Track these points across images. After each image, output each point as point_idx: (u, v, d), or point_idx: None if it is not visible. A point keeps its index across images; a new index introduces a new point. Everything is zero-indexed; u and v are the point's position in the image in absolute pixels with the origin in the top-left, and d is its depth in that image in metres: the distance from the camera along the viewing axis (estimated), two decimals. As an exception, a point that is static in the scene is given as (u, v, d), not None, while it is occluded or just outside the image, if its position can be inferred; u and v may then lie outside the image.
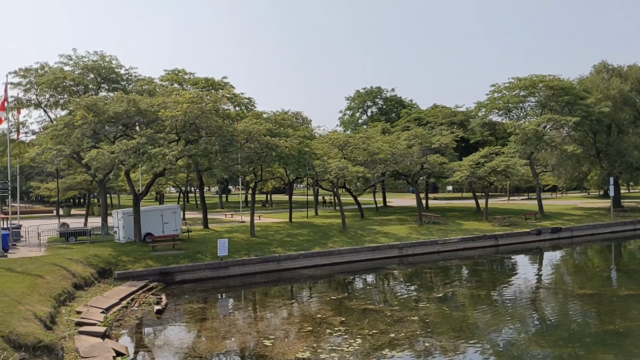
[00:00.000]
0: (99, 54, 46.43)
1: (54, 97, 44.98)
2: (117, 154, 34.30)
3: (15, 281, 23.80)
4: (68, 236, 38.89)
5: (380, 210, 62.77)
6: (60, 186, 55.01)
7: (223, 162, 40.50)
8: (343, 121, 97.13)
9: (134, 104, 36.57)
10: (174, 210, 41.35)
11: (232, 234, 42.00)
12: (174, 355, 19.91)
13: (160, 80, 51.65)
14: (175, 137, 37.27)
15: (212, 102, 38.17)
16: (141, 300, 27.54)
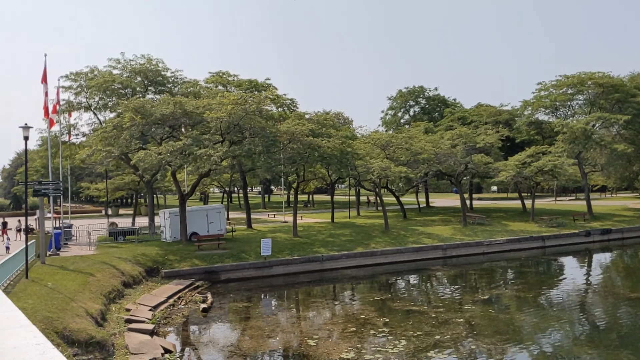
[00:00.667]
0: (145, 58, 47.51)
1: (103, 100, 46.24)
2: (164, 155, 35.05)
3: (68, 279, 24.58)
4: (117, 235, 39.97)
5: (423, 211, 62.20)
6: (109, 187, 56.59)
7: (266, 163, 40.88)
8: (385, 121, 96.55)
9: (180, 106, 37.29)
10: (218, 210, 41.97)
11: (275, 234, 42.34)
12: (219, 353, 20.22)
13: (205, 83, 52.53)
14: (219, 138, 37.82)
15: (256, 104, 38.59)
16: (188, 298, 28.07)
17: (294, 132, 39.11)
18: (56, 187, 29.56)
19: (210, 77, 53.31)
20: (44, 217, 29.56)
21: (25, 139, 23.85)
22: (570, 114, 62.66)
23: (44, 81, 31.94)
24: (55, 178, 40.07)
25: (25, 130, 23.73)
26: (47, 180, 31.84)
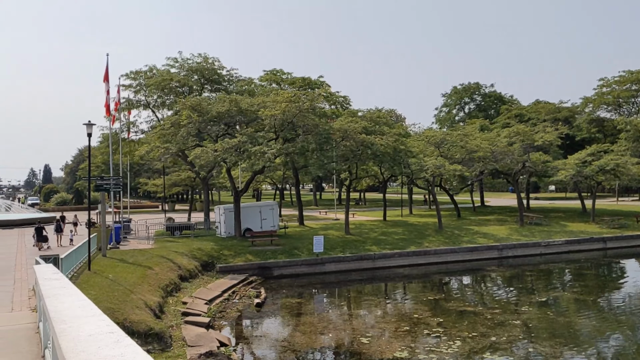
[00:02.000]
0: (202, 56, 48.50)
1: (161, 98, 47.49)
2: (220, 152, 35.69)
3: (128, 271, 25.38)
4: (174, 230, 41.00)
5: (478, 210, 61.01)
6: (166, 182, 58.09)
7: (319, 160, 41.01)
8: (439, 118, 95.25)
9: (236, 104, 37.89)
10: (272, 207, 42.42)
11: (327, 231, 42.44)
12: (272, 347, 20.47)
13: (260, 81, 53.20)
14: (273, 136, 38.21)
15: (309, 101, 38.76)
16: (242, 293, 28.52)
17: (346, 129, 39.09)
18: (116, 182, 30.54)
19: (265, 75, 53.93)
20: (105, 212, 30.58)
21: (89, 135, 24.74)
22: (635, 111, 60.19)
23: (106, 80, 32.97)
24: (116, 174, 41.41)
25: (89, 127, 24.60)
26: (108, 176, 32.96)
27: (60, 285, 8.09)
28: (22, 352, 8.96)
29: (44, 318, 8.35)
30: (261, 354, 19.99)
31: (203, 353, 16.70)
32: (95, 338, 3.83)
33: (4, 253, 30.24)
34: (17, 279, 21.59)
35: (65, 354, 3.41)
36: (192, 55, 48.57)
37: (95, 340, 3.74)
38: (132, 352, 3.29)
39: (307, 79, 53.55)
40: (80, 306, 5.59)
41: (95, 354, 3.31)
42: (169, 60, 48.21)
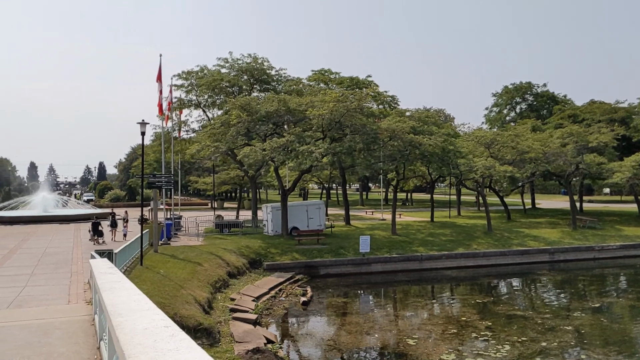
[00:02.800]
0: (252, 57, 49.05)
1: (212, 98, 48.28)
2: (268, 151, 36.07)
3: (178, 267, 25.97)
4: (222, 227, 41.68)
5: (529, 212, 59.61)
6: (215, 181, 59.14)
7: (366, 160, 40.92)
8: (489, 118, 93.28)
9: (284, 103, 38.20)
10: (318, 206, 42.58)
11: (374, 231, 42.30)
12: (317, 346, 20.55)
13: (308, 81, 53.42)
14: (321, 135, 38.34)
15: (357, 101, 38.71)
16: (288, 291, 28.76)
17: (394, 129, 38.86)
18: (168, 180, 31.26)
19: (313, 75, 54.15)
20: (157, 208, 31.37)
21: (142, 134, 25.41)
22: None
23: (159, 80, 33.77)
24: (167, 172, 42.38)
25: (142, 126, 25.26)
26: (160, 174, 33.76)
27: (115, 280, 8.37)
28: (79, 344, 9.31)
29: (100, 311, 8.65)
30: (307, 352, 20.10)
31: (250, 349, 16.94)
32: (150, 331, 3.96)
33: (61, 247, 31.43)
34: (73, 272, 22.39)
35: (122, 347, 3.54)
36: (242, 56, 49.22)
37: (151, 334, 3.86)
38: (186, 347, 3.39)
39: (355, 79, 53.49)
40: (135, 300, 5.77)
41: (152, 347, 3.42)
42: (219, 60, 48.97)
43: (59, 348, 8.99)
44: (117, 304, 5.49)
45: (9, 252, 29.39)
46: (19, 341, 9.62)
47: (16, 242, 34.17)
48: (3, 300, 16.14)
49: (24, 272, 22.33)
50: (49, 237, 37.23)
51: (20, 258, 26.89)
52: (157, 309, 5.00)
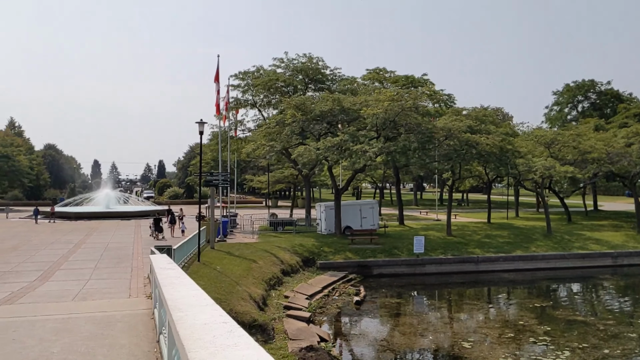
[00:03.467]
0: (307, 56, 49.38)
1: (267, 98, 48.91)
2: (322, 150, 36.20)
3: (234, 264, 26.41)
4: (277, 225, 42.14)
5: (590, 215, 57.48)
6: (270, 179, 59.82)
7: (420, 159, 40.45)
8: (549, 117, 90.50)
9: (338, 102, 38.26)
10: (372, 206, 42.41)
11: (428, 231, 41.80)
12: (370, 346, 20.49)
13: (362, 79, 53.31)
14: (375, 134, 38.19)
15: (412, 100, 38.35)
16: (341, 290, 28.80)
17: (450, 128, 38.29)
18: (225, 178, 31.83)
19: (367, 74, 54.01)
20: (214, 206, 32.01)
21: (200, 133, 25.97)
22: None
23: (217, 80, 34.42)
24: (224, 170, 43.16)
25: (201, 125, 25.83)
26: (217, 172, 34.43)
27: (174, 275, 8.59)
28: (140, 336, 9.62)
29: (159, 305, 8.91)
30: (360, 351, 20.07)
31: (304, 347, 17.05)
32: (210, 327, 4.05)
33: (123, 242, 32.52)
34: (133, 267, 23.12)
35: (182, 341, 3.62)
36: (297, 56, 49.63)
37: (210, 329, 3.95)
38: (245, 343, 3.45)
39: (411, 77, 53.01)
40: (194, 295, 5.91)
41: (211, 343, 3.50)
42: (275, 60, 49.56)
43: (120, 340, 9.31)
44: (177, 299, 5.63)
45: (74, 246, 30.66)
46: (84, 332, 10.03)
47: (81, 236, 35.60)
48: (69, 293, 16.86)
49: (88, 266, 23.24)
50: (111, 232, 38.60)
51: (85, 252, 28.01)
52: (216, 305, 5.10)
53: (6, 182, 75.64)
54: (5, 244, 31.69)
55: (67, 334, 9.89)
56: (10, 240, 33.64)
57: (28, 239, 34.71)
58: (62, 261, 24.92)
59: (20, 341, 9.34)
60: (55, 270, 22.49)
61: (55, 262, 24.67)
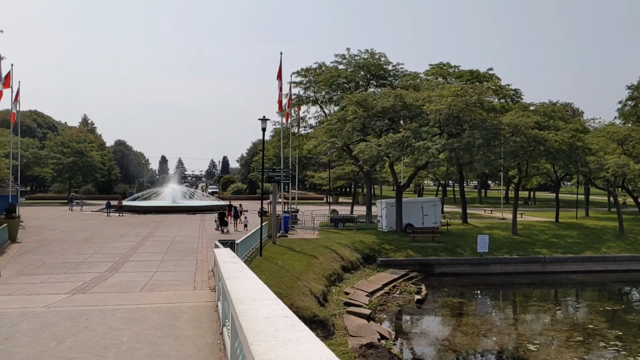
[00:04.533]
0: (369, 52, 49.08)
1: (329, 94, 48.95)
2: (383, 146, 35.96)
3: (295, 259, 26.66)
4: (337, 222, 42.22)
5: (668, 215, 54.48)
6: (331, 176, 60.00)
7: (485, 156, 39.57)
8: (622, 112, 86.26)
9: (401, 98, 37.88)
10: (434, 203, 41.81)
11: (492, 230, 40.79)
12: (431, 345, 20.22)
13: (425, 75, 52.54)
14: (438, 131, 37.59)
15: (477, 95, 37.52)
16: (402, 288, 28.56)
17: (517, 124, 37.22)
18: (286, 174, 32.15)
19: (430, 69, 53.19)
20: (276, 202, 32.38)
21: (263, 130, 26.32)
22: None
23: (279, 78, 34.81)
24: (286, 166, 43.59)
25: (263, 122, 26.17)
26: (279, 168, 34.83)
27: (237, 269, 8.74)
28: (204, 328, 9.86)
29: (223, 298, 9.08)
30: (421, 350, 19.85)
31: (364, 344, 17.01)
32: (271, 321, 4.07)
33: (188, 236, 33.44)
34: (198, 260, 23.74)
35: (245, 333, 3.67)
36: (359, 52, 49.39)
37: (272, 323, 3.98)
38: (306, 338, 3.45)
39: (475, 72, 51.78)
40: (257, 289, 5.98)
41: (273, 336, 3.52)
42: (337, 57, 49.46)
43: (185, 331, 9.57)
44: (240, 293, 5.71)
45: (142, 239, 31.79)
46: (151, 322, 10.37)
47: (148, 230, 36.88)
48: (137, 284, 17.49)
49: (154, 259, 24.05)
50: (177, 226, 39.77)
51: (152, 245, 29.00)
52: (277, 299, 5.14)
53: (80, 177, 79.22)
54: (79, 236, 33.25)
55: (135, 323, 10.26)
56: (84, 232, 35.26)
57: (99, 231, 36.28)
58: (131, 253, 25.90)
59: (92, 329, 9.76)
60: (125, 261, 23.40)
61: (125, 254, 25.66)
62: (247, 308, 4.67)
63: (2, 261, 23.85)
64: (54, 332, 9.45)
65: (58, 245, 29.04)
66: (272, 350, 3.17)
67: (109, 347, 8.32)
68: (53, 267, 22.26)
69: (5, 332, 9.56)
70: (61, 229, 37.80)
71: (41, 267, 22.61)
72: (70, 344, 8.54)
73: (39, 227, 38.20)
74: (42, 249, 27.68)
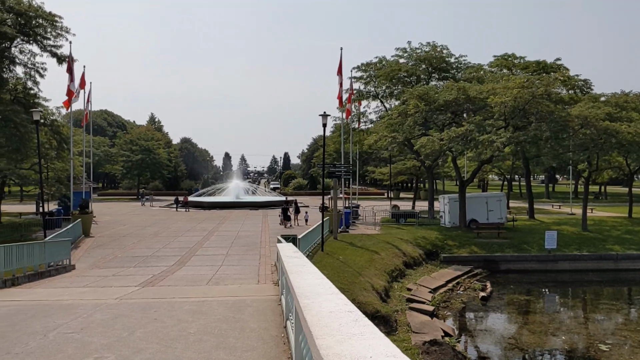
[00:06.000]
0: (430, 45, 48.35)
1: (389, 88, 48.59)
2: (446, 141, 35.38)
3: (356, 254, 26.65)
4: (398, 217, 41.88)
5: None
6: (392, 171, 59.56)
7: (553, 150, 38.21)
8: None
9: (464, 91, 37.14)
10: (499, 198, 40.82)
11: (561, 226, 39.40)
12: (496, 343, 19.77)
13: (489, 67, 51.29)
14: (503, 124, 36.64)
15: (544, 86, 36.31)
16: (466, 285, 28.04)
17: (587, 116, 35.74)
18: (347, 170, 32.21)
19: (495, 61, 51.86)
20: (337, 197, 32.48)
21: (324, 126, 26.42)
22: None
23: (339, 73, 34.84)
24: (346, 162, 43.62)
25: (324, 118, 26.26)
26: (339, 164, 34.92)
27: (300, 263, 8.82)
28: (268, 321, 10.02)
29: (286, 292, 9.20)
30: (486, 348, 19.43)
31: (427, 341, 16.82)
32: (335, 315, 4.09)
33: (251, 231, 34.07)
34: (261, 254, 24.17)
35: (310, 327, 3.70)
36: (420, 45, 48.74)
37: (336, 317, 3.99)
38: (370, 333, 3.44)
39: (542, 63, 50.06)
40: (320, 284, 6.02)
41: (337, 330, 3.53)
42: (397, 50, 48.99)
43: (250, 324, 9.75)
44: (303, 287, 5.76)
45: (208, 234, 32.64)
46: (217, 315, 10.63)
47: (213, 225, 37.82)
48: (204, 277, 17.99)
49: (220, 253, 24.64)
50: (240, 221, 40.58)
51: (217, 240, 29.73)
52: (341, 294, 5.16)
53: (148, 174, 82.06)
54: (147, 231, 34.50)
55: (202, 316, 10.55)
56: (152, 227, 36.55)
57: (167, 226, 37.50)
58: (197, 247, 26.66)
59: (161, 321, 10.11)
60: (191, 256, 24.10)
61: (191, 248, 26.44)
62: (310, 302, 4.71)
63: (77, 255, 25.07)
64: (126, 323, 9.86)
65: (128, 240, 30.24)
66: (337, 344, 3.18)
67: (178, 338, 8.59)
68: (124, 261, 23.20)
69: (81, 322, 10.05)
70: (131, 224, 39.33)
71: (112, 260, 23.61)
72: (141, 335, 8.88)
73: (110, 222, 39.90)
74: (113, 243, 28.90)
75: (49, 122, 37.89)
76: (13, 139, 32.68)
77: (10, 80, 34.63)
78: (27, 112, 32.39)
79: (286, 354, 7.62)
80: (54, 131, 38.14)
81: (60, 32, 34.84)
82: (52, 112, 39.74)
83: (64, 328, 9.40)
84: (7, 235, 31.22)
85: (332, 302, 4.70)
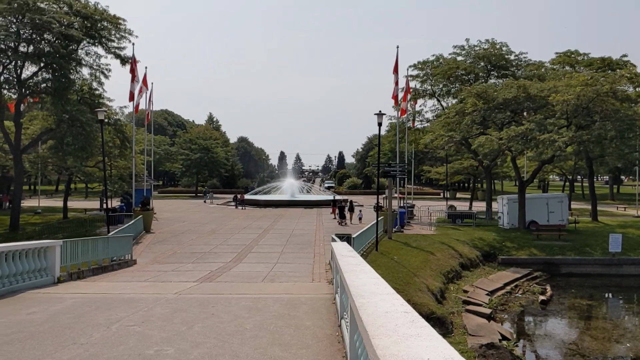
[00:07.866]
0: (489, 42, 47.34)
1: (446, 87, 47.89)
2: (505, 140, 34.59)
3: (411, 255, 26.41)
4: (455, 218, 41.20)
5: None
6: (448, 170, 58.68)
7: (618, 149, 36.81)
8: None
9: (524, 89, 36.20)
10: (560, 200, 39.56)
11: (626, 229, 37.78)
12: (556, 348, 19.18)
13: (551, 64, 49.79)
14: (565, 123, 35.52)
15: (609, 84, 34.97)
16: (525, 288, 27.30)
17: (655, 114, 34.20)
18: (402, 169, 31.97)
19: (557, 58, 50.29)
20: (392, 197, 32.27)
21: (379, 125, 26.31)
22: None
23: (395, 72, 34.59)
24: (401, 161, 43.27)
25: (379, 117, 26.15)
26: (394, 163, 34.68)
27: (355, 262, 8.82)
28: (322, 319, 10.06)
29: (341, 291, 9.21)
30: (545, 353, 18.87)
31: (484, 344, 16.50)
32: (391, 315, 4.06)
33: (306, 229, 34.29)
34: (315, 253, 24.29)
35: (366, 327, 3.69)
36: (479, 42, 47.80)
37: (392, 318, 3.97)
38: (427, 334, 3.40)
39: (607, 59, 48.14)
40: (375, 284, 6.00)
41: (393, 331, 3.51)
42: (455, 48, 48.23)
43: (305, 322, 9.82)
44: (358, 286, 5.75)
45: (263, 231, 33.08)
46: (272, 312, 10.76)
47: (269, 223, 38.29)
48: (259, 274, 18.25)
49: (275, 251, 24.94)
50: (295, 220, 40.91)
51: (272, 237, 30.09)
52: (396, 294, 5.13)
53: (206, 172, 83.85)
54: (205, 227, 35.29)
55: (257, 312, 10.70)
56: (210, 224, 37.35)
57: (224, 223, 38.25)
58: (253, 245, 27.07)
59: (218, 316, 10.31)
60: (248, 252, 24.49)
61: (247, 245, 26.87)
62: (366, 302, 4.70)
63: (138, 250, 25.91)
64: (184, 318, 10.11)
65: (187, 236, 31.02)
66: (394, 345, 3.17)
67: (234, 333, 8.74)
68: (182, 257, 23.82)
69: (142, 315, 10.37)
70: (189, 220, 40.32)
71: (172, 256, 24.28)
72: (199, 329, 9.09)
73: (169, 219, 41.02)
74: (173, 240, 29.71)
75: (112, 122, 39.31)
76: (79, 137, 34.04)
77: (77, 81, 36.10)
78: (92, 111, 33.69)
79: (340, 352, 7.62)
80: (117, 130, 39.53)
81: (124, 34, 36.03)
82: (116, 112, 41.23)
83: (126, 321, 9.73)
84: (73, 230, 32.64)
85: (387, 302, 4.68)
